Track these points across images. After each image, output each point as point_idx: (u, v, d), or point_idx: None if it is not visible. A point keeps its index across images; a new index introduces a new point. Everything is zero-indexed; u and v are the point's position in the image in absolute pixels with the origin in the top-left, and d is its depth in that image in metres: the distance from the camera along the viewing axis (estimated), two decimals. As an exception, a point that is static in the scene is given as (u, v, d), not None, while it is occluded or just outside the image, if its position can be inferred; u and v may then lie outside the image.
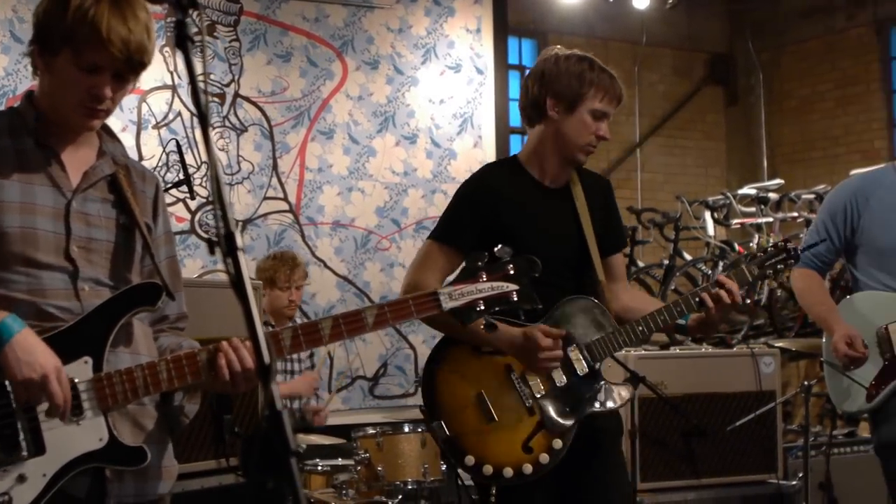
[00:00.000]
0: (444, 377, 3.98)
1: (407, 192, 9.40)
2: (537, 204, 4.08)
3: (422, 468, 6.09)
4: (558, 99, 4.01)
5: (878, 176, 4.96)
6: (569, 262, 4.07)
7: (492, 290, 2.97)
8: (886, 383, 4.72)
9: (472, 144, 9.72)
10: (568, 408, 3.94)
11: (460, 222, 4.06)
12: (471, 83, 9.79)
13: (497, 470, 3.86)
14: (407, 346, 9.27)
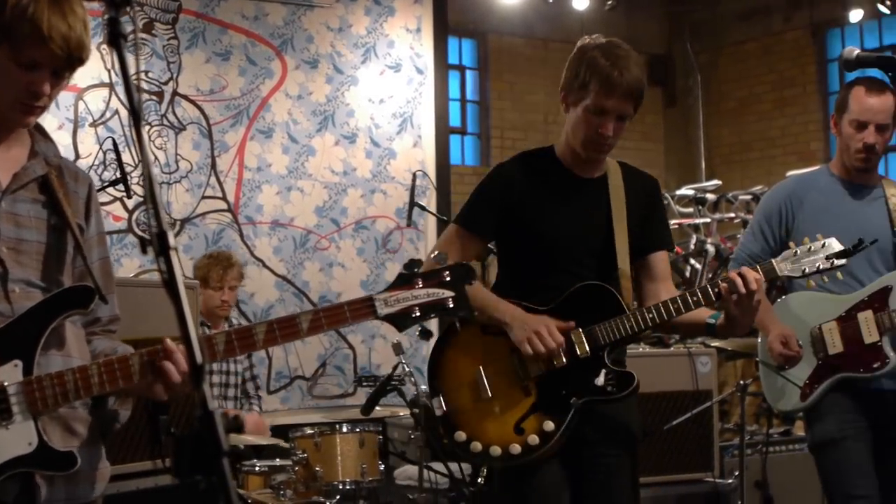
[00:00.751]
0: (449, 355, 3.99)
1: (346, 192, 9.37)
2: (563, 192, 4.00)
3: (360, 468, 6.08)
4: (567, 92, 3.98)
5: (812, 178, 5.01)
6: (593, 251, 3.99)
7: (427, 296, 2.95)
8: (820, 382, 4.76)
9: (411, 144, 9.71)
10: (565, 391, 3.86)
11: (480, 209, 4.05)
12: (411, 83, 9.78)
13: (485, 448, 3.85)
14: (346, 346, 9.25)
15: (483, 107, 11.61)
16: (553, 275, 3.97)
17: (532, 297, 3.92)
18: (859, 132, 4.76)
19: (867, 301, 4.74)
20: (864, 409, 4.72)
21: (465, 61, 11.63)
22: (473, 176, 11.39)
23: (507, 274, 4.10)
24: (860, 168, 4.85)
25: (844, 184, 4.89)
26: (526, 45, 11.77)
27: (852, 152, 4.80)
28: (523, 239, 3.99)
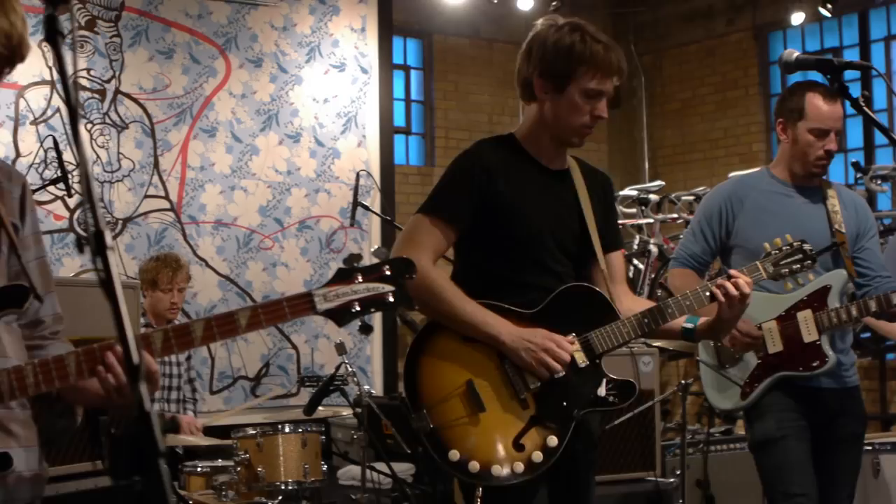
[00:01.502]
0: (429, 365, 3.63)
1: (290, 192, 9.35)
2: (537, 184, 3.79)
3: (302, 468, 6.06)
4: (546, 79, 3.73)
5: (753, 179, 5.04)
6: (567, 248, 3.81)
7: (367, 291, 2.92)
8: (760, 381, 4.80)
9: (356, 144, 9.70)
10: (565, 402, 3.64)
11: (454, 196, 3.72)
12: (355, 82, 9.77)
13: (485, 468, 3.55)
14: (289, 345, 9.23)
15: (428, 107, 11.60)
16: (529, 271, 3.74)
17: (507, 296, 3.68)
18: (820, 140, 4.78)
19: (806, 300, 4.78)
20: (803, 407, 4.76)
21: (410, 61, 11.62)
22: (418, 176, 11.39)
23: (475, 269, 3.78)
24: (817, 174, 4.89)
25: (785, 186, 4.93)
26: (471, 46, 11.77)
27: (812, 159, 4.82)
28: (499, 231, 3.72)
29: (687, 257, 4.97)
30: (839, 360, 4.76)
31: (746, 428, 4.96)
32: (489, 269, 3.75)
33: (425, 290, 3.59)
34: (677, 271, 5.01)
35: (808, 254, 4.01)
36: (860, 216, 4.96)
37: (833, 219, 4.86)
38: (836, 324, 4.73)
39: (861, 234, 4.92)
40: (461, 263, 3.84)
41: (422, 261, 3.56)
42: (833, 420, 4.80)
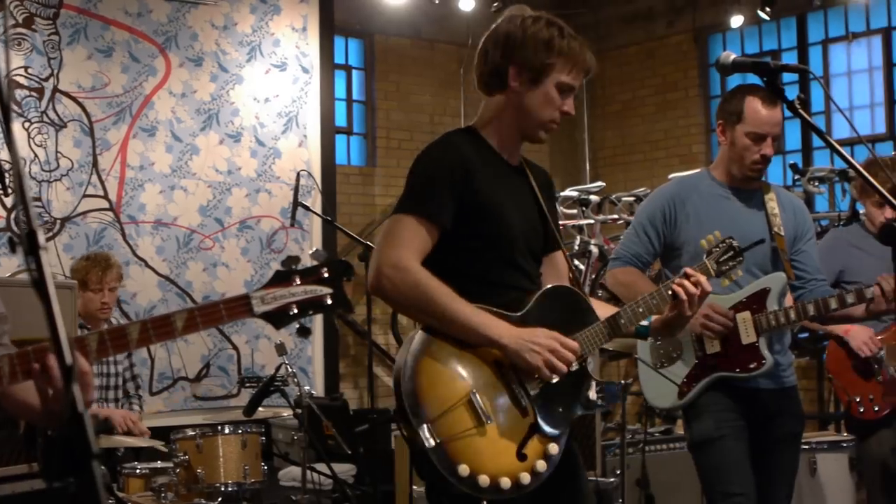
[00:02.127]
0: (427, 376, 3.44)
1: (231, 191, 9.30)
2: (504, 180, 3.69)
3: (242, 470, 6.04)
4: (522, 69, 3.63)
5: (694, 181, 5.06)
6: (533, 246, 3.74)
7: (305, 293, 2.90)
8: (698, 381, 4.82)
9: (297, 144, 9.67)
10: (561, 408, 3.58)
11: (435, 193, 3.55)
12: (296, 82, 9.75)
13: (494, 482, 3.39)
14: (230, 346, 9.18)
15: (369, 107, 11.59)
16: (504, 271, 3.64)
17: (484, 297, 3.54)
18: (757, 144, 4.81)
19: (745, 302, 4.81)
20: (741, 407, 4.79)
21: (352, 61, 11.60)
22: (359, 176, 11.37)
23: (447, 270, 3.55)
24: (753, 178, 4.92)
25: (725, 188, 4.95)
26: (412, 46, 11.77)
27: (748, 163, 4.84)
28: (474, 230, 3.59)
29: (631, 257, 4.98)
30: (777, 361, 4.79)
31: (685, 427, 4.98)
32: (463, 270, 3.61)
33: (417, 292, 3.47)
34: (622, 269, 5.00)
35: (737, 250, 4.05)
36: (798, 219, 5.00)
37: (772, 221, 4.89)
38: (774, 326, 4.77)
39: (799, 236, 4.96)
40: (431, 264, 3.56)
41: (410, 262, 3.48)
42: (771, 420, 4.84)
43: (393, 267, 3.48)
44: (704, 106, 11.84)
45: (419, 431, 3.36)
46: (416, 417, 3.38)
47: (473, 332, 3.47)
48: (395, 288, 3.49)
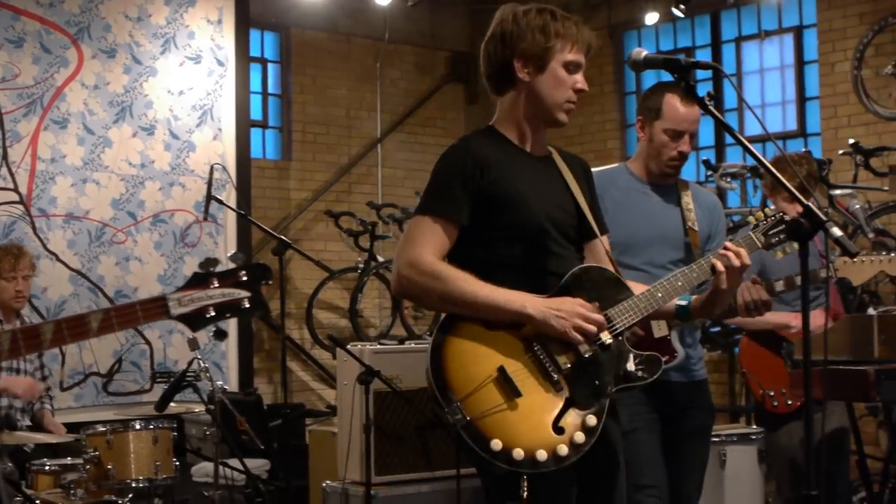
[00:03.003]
0: (455, 357, 3.55)
1: (144, 185, 9.21)
2: (528, 170, 3.80)
3: (154, 466, 6.00)
4: (526, 58, 3.77)
5: (611, 175, 5.09)
6: (567, 232, 3.83)
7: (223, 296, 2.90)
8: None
9: (211, 137, 9.60)
10: (597, 381, 3.63)
11: (450, 192, 3.69)
12: (211, 75, 9.67)
13: (529, 454, 3.46)
14: (143, 341, 9.09)
15: (285, 100, 11.52)
16: (536, 257, 3.75)
17: (516, 285, 3.65)
18: (674, 141, 4.85)
19: (658, 297, 4.85)
20: (653, 400, 4.82)
21: (267, 54, 11.53)
22: (274, 170, 11.32)
23: (478, 262, 3.70)
24: (670, 174, 4.96)
25: (642, 183, 4.99)
26: (329, 40, 11.72)
27: (665, 159, 4.89)
28: (500, 221, 3.72)
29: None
30: (688, 355, 4.85)
31: (598, 421, 5.01)
32: (489, 260, 3.72)
33: (435, 283, 3.60)
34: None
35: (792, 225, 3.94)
36: (713, 218, 5.06)
37: (687, 217, 4.94)
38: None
39: (712, 234, 5.02)
40: (456, 257, 3.74)
41: (426, 257, 3.62)
42: (682, 413, 4.89)
43: (408, 265, 3.64)
44: (619, 102, 11.93)
45: (449, 411, 3.45)
46: (446, 398, 3.47)
47: (498, 308, 3.58)
48: (414, 284, 3.65)
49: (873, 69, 9.64)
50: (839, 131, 9.94)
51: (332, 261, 11.11)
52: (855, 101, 9.79)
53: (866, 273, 5.41)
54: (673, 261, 4.86)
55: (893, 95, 9.49)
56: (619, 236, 4.86)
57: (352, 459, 6.33)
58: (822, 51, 10.28)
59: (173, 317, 2.85)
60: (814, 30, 10.45)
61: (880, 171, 8.92)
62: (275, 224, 10.73)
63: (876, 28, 9.60)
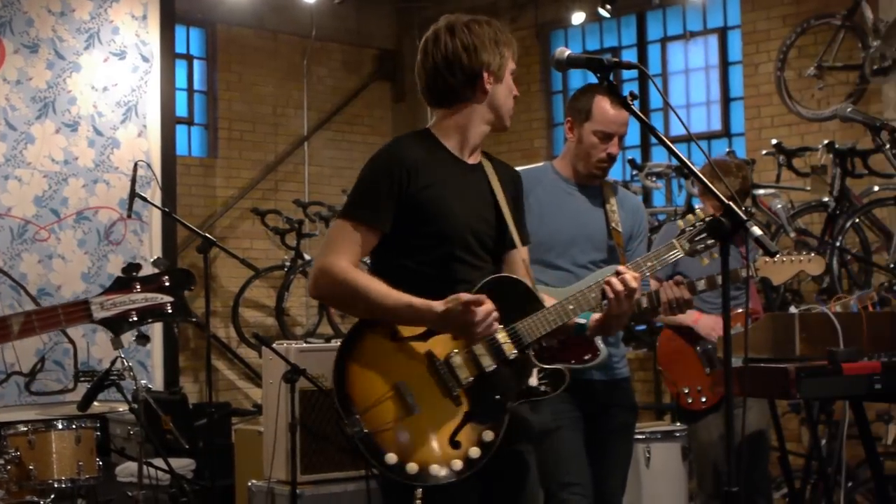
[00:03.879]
0: (358, 369, 3.59)
1: (67, 182, 9.11)
2: (457, 178, 3.81)
3: (76, 466, 5.95)
4: (490, 70, 3.81)
5: (538, 174, 5.11)
6: (486, 243, 3.84)
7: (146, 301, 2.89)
8: (533, 374, 4.88)
9: (136, 134, 9.51)
10: (498, 395, 3.66)
11: (375, 198, 3.69)
12: (136, 71, 9.59)
13: (423, 468, 3.52)
14: (66, 340, 8.98)
15: (211, 97, 11.46)
16: (452, 267, 3.75)
17: (431, 293, 3.62)
18: (604, 143, 4.87)
19: (581, 295, 4.87)
20: (576, 399, 4.85)
21: (193, 51, 11.45)
22: (200, 167, 11.25)
23: (396, 267, 3.73)
24: (597, 176, 4.99)
25: (568, 183, 5.01)
26: (255, 37, 11.67)
27: (594, 161, 4.91)
28: (422, 228, 3.72)
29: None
30: (610, 353, 4.88)
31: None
32: (408, 266, 3.74)
33: (345, 288, 3.63)
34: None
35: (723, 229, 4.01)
36: (636, 220, 5.09)
37: (611, 218, 4.97)
38: (609, 318, 4.85)
39: (633, 236, 5.06)
40: (379, 262, 3.79)
41: (340, 264, 3.64)
42: (604, 411, 4.93)
43: (320, 271, 3.67)
44: (546, 101, 11.98)
45: (349, 423, 3.51)
46: (346, 409, 3.54)
47: (405, 310, 3.60)
48: (327, 289, 3.71)
49: (796, 70, 9.76)
50: (762, 131, 10.06)
51: (259, 259, 11.07)
52: (778, 102, 9.91)
53: (786, 273, 5.48)
54: (595, 261, 4.89)
55: (816, 96, 9.61)
56: (543, 235, 4.88)
57: (278, 458, 6.32)
58: (746, 52, 10.40)
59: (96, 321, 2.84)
60: (738, 31, 10.58)
61: (802, 172, 9.05)
62: (200, 222, 10.66)
63: (799, 30, 9.72)
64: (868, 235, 8.52)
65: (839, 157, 8.42)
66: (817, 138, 9.19)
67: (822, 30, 9.64)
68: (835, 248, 8.08)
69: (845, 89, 9.53)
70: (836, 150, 8.44)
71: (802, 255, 5.50)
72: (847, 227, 8.29)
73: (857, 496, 7.80)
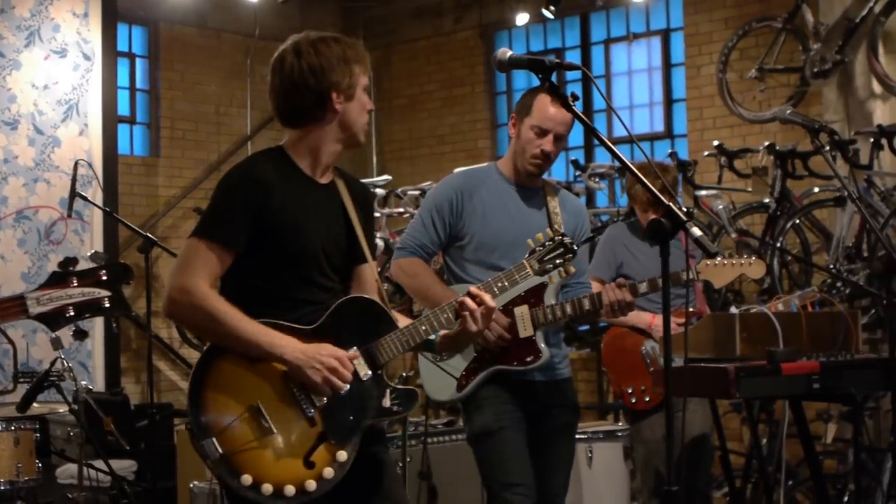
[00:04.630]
0: (214, 390, 3.59)
1: (7, 181, 9.03)
2: (309, 198, 3.80)
3: (15, 468, 5.89)
4: (339, 89, 3.77)
5: (481, 174, 5.12)
6: (335, 263, 3.84)
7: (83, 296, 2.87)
8: (476, 374, 4.88)
9: (77, 132, 9.44)
10: (352, 416, 3.69)
11: (230, 218, 3.66)
12: (77, 69, 9.51)
13: (278, 489, 3.53)
14: (6, 340, 8.87)
15: (153, 96, 11.39)
16: (300, 287, 3.75)
17: (279, 313, 3.67)
18: (539, 139, 4.90)
19: (523, 296, 4.88)
20: (518, 400, 4.88)
21: (136, 49, 11.37)
22: (142, 167, 11.17)
23: (245, 286, 3.72)
24: (532, 173, 5.00)
25: (511, 183, 5.04)
26: (198, 35, 11.61)
27: (528, 156, 4.94)
28: (273, 248, 3.70)
29: (416, 247, 5.02)
30: (551, 354, 4.90)
31: (464, 420, 5.05)
32: (260, 286, 3.73)
33: (204, 315, 3.60)
34: (408, 260, 5.04)
35: (569, 247, 4.12)
36: (578, 222, 5.13)
37: (553, 219, 5.00)
38: (551, 320, 4.87)
39: (575, 238, 5.07)
40: (230, 280, 3.74)
41: (199, 286, 3.60)
42: (546, 411, 4.95)
43: (179, 292, 3.60)
44: (490, 102, 12.00)
45: (205, 444, 3.52)
46: (202, 432, 3.54)
47: (258, 348, 3.60)
48: (183, 312, 3.65)
49: (738, 72, 9.83)
50: (705, 133, 10.13)
51: (201, 259, 10.99)
52: (720, 104, 9.97)
53: (727, 276, 5.51)
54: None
55: (757, 98, 9.69)
56: (487, 236, 4.90)
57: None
58: (688, 54, 10.47)
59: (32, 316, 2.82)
60: (681, 33, 10.64)
61: (744, 173, 9.12)
62: (143, 221, 10.59)
63: (740, 32, 9.78)
64: (808, 236, 8.60)
65: (780, 158, 8.50)
66: (759, 140, 9.26)
67: (763, 32, 9.72)
68: (775, 249, 8.15)
69: (786, 91, 9.61)
70: (777, 151, 8.51)
71: (743, 258, 5.54)
72: (787, 228, 8.36)
73: (798, 494, 7.87)
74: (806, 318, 5.39)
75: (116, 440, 6.80)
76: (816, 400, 6.47)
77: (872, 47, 8.65)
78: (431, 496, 6.73)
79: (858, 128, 8.57)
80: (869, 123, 8.57)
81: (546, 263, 4.08)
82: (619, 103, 11.12)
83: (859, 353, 5.59)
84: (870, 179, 8.11)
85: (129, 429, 7.66)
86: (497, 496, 4.84)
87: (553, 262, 4.09)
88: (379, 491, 3.83)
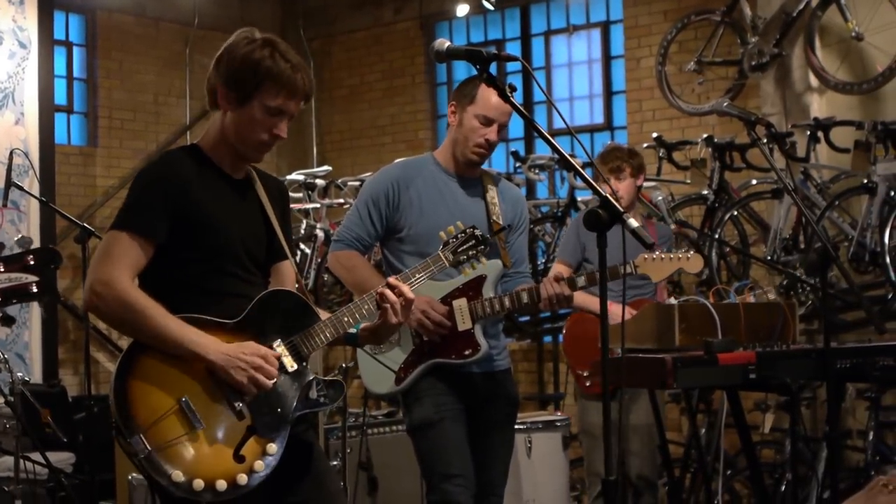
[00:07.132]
0: (139, 386, 3.51)
1: (-59, 170, 8.91)
2: (226, 195, 3.75)
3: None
4: (230, 89, 3.68)
5: (418, 164, 5.11)
6: (256, 257, 3.82)
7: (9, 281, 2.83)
8: (415, 367, 4.88)
9: (13, 122, 9.35)
10: (280, 408, 3.66)
11: (150, 210, 3.61)
12: (13, 57, 9.41)
13: (209, 484, 3.48)
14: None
15: (91, 85, 11.27)
16: (222, 281, 3.71)
17: (201, 307, 3.64)
18: (484, 127, 4.89)
19: (462, 289, 4.89)
20: (458, 392, 4.89)
21: (73, 37, 11.25)
22: (80, 156, 11.06)
23: (166, 280, 3.67)
24: (473, 161, 5.00)
25: (448, 174, 5.03)
26: (136, 24, 11.50)
27: (471, 145, 4.92)
28: (192, 242, 3.67)
29: (352, 239, 5.00)
30: (490, 345, 4.90)
31: (404, 412, 5.04)
32: (182, 280, 3.69)
33: (126, 311, 3.54)
34: (344, 253, 5.03)
35: (480, 239, 4.14)
36: (517, 211, 5.14)
37: (491, 210, 5.00)
38: (489, 313, 4.88)
39: (514, 228, 5.09)
40: (150, 274, 3.68)
41: (121, 280, 3.54)
42: (485, 403, 4.96)
43: (102, 284, 3.55)
44: (430, 92, 11.99)
45: (132, 442, 3.45)
46: (128, 428, 3.47)
47: (182, 347, 3.56)
48: (106, 305, 3.57)
49: (677, 65, 9.88)
50: (644, 125, 10.18)
51: (140, 249, 10.91)
52: (659, 96, 10.02)
53: (665, 270, 5.54)
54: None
55: (696, 91, 9.74)
56: (424, 227, 4.90)
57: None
58: (628, 46, 10.51)
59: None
60: (620, 25, 10.68)
61: (682, 165, 9.18)
62: (80, 212, 10.49)
63: (679, 25, 9.83)
64: (746, 228, 8.67)
65: (718, 150, 8.57)
66: (697, 132, 9.32)
67: (702, 25, 9.77)
68: (714, 240, 8.21)
69: (724, 84, 9.68)
70: (715, 143, 8.58)
71: (681, 252, 5.57)
72: (725, 220, 8.43)
73: (736, 484, 7.95)
74: (744, 309, 5.45)
75: (54, 432, 6.74)
76: (753, 390, 6.55)
77: (809, 41, 8.73)
78: (371, 487, 6.74)
79: (795, 121, 8.64)
80: (806, 116, 8.64)
81: (460, 255, 4.09)
82: (559, 95, 11.15)
83: (796, 343, 5.65)
84: (806, 172, 8.20)
85: (67, 421, 7.60)
86: (436, 487, 4.85)
87: (466, 253, 4.10)
88: (308, 473, 3.82)
